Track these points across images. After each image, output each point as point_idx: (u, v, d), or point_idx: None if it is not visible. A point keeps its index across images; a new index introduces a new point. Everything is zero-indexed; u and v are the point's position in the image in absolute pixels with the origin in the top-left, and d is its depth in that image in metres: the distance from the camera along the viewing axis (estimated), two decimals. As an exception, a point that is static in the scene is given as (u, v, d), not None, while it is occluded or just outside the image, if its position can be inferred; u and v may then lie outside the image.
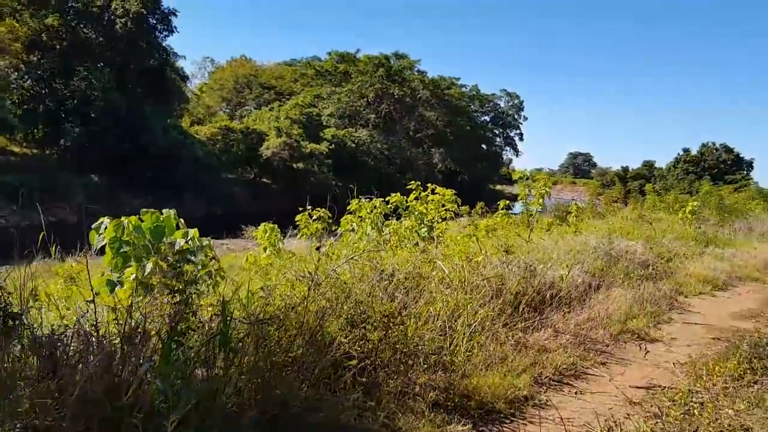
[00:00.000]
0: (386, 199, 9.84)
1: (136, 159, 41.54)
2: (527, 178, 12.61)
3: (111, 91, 40.98)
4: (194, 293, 5.15)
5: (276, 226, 10.83)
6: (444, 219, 9.75)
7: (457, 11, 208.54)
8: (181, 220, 6.08)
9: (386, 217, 9.62)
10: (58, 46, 41.69)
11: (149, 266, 5.04)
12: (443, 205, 9.65)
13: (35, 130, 40.92)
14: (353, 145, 60.67)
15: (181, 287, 5.26)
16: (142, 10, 42.98)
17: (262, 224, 11.20)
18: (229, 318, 4.59)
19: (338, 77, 69.90)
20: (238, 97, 74.80)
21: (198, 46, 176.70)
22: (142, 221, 5.54)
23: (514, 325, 6.80)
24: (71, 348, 3.86)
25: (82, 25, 42.90)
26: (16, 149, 41.43)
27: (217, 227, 36.49)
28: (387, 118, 67.31)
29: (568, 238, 12.42)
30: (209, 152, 48.50)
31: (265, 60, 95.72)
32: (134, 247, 5.40)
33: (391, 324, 5.46)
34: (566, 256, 9.98)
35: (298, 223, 9.66)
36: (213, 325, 4.63)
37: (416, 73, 70.99)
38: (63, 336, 3.92)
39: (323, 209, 9.77)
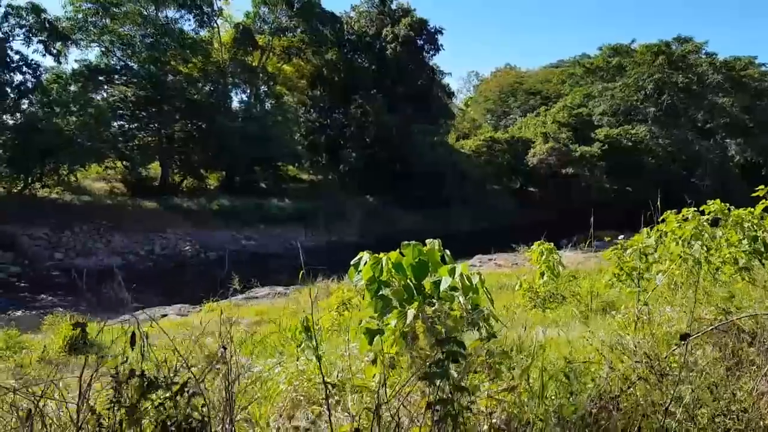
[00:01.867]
0: (701, 209, 7.70)
1: (405, 178, 43.48)
2: None
3: (383, 115, 43.66)
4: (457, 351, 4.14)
5: (552, 246, 9.41)
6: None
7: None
8: (447, 252, 5.14)
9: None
10: (336, 79, 45.96)
11: (411, 313, 4.19)
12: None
13: (319, 158, 45.57)
14: (630, 143, 55.52)
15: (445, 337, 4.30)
16: (410, 32, 45.09)
17: (536, 243, 9.87)
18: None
19: (611, 72, 64.82)
20: (502, 107, 74.45)
21: (464, 62, 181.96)
22: (403, 255, 4.74)
23: None
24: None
25: (356, 56, 46.65)
26: (305, 176, 46.68)
27: (484, 241, 36.23)
28: (669, 110, 60.20)
29: None
30: (474, 165, 48.70)
31: (530, 66, 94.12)
32: (394, 289, 4.64)
33: None
34: None
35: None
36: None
37: (704, 57, 62.38)
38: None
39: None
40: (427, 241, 5.10)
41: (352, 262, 4.94)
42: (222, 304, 17.65)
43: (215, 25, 43.58)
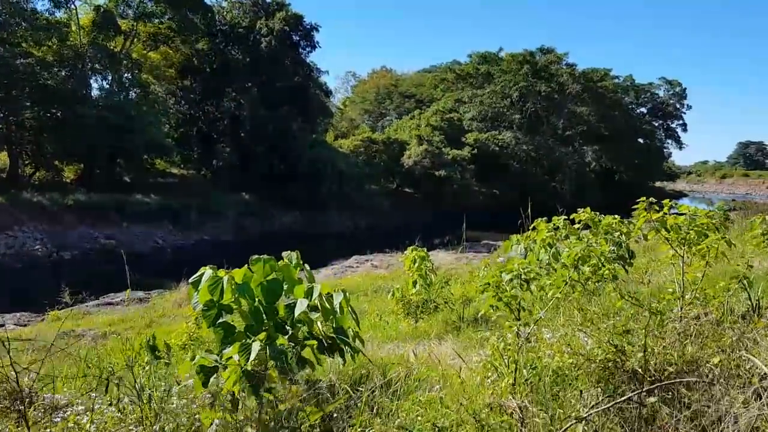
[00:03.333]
0: (571, 217, 7.63)
1: (283, 175, 42.39)
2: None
3: (258, 110, 42.16)
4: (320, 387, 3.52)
5: (425, 252, 9.06)
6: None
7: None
8: (306, 267, 4.47)
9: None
10: (208, 69, 43.75)
11: (256, 346, 3.49)
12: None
13: (191, 152, 43.15)
14: (497, 148, 58.01)
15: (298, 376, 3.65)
16: (285, 27, 43.90)
17: (409, 249, 9.49)
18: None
19: (480, 79, 67.52)
20: (379, 108, 75.18)
21: (340, 62, 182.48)
22: (252, 272, 4.01)
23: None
24: None
25: (229, 47, 44.72)
26: (175, 171, 44.04)
27: (361, 240, 36.14)
28: (533, 117, 63.71)
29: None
30: (353, 165, 48.51)
31: (406, 69, 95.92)
32: (240, 314, 3.91)
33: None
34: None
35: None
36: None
37: (564, 67, 66.63)
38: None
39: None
40: (284, 254, 4.42)
41: (190, 280, 4.14)
42: (70, 312, 15.89)
43: (73, 6, 39.90)
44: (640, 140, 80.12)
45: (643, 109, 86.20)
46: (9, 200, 31.54)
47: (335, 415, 3.54)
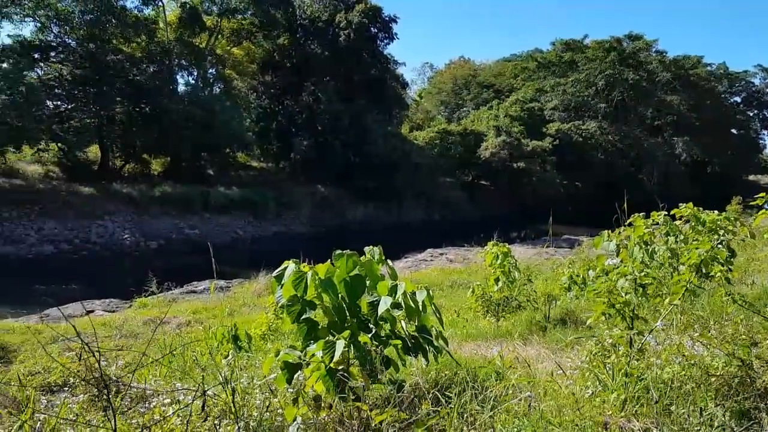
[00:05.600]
0: (671, 213, 7.10)
1: (358, 168, 42.64)
2: None
3: (336, 103, 42.54)
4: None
5: (508, 248, 8.72)
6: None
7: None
8: (389, 262, 4.32)
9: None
10: (288, 64, 44.53)
11: (340, 345, 3.36)
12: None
13: (270, 146, 44.09)
14: (580, 139, 56.07)
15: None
16: (364, 19, 44.03)
17: (490, 244, 9.16)
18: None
19: (563, 67, 65.38)
20: (456, 99, 74.27)
21: (418, 53, 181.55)
22: (335, 267, 3.89)
23: None
24: None
25: (309, 42, 45.33)
26: (255, 164, 45.23)
27: (435, 233, 35.86)
28: (619, 106, 61.11)
29: None
30: (428, 157, 48.23)
31: (484, 59, 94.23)
32: (323, 310, 3.79)
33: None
34: None
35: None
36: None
37: (654, 54, 63.49)
38: None
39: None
40: (366, 249, 4.28)
41: (274, 274, 4.07)
42: (156, 300, 16.51)
43: (160, 3, 41.51)
44: (734, 131, 75.49)
45: (737, 99, 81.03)
46: (100, 191, 33.29)
47: (422, 419, 3.36)
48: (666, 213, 7.02)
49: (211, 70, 42.88)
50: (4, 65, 32.95)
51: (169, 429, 3.34)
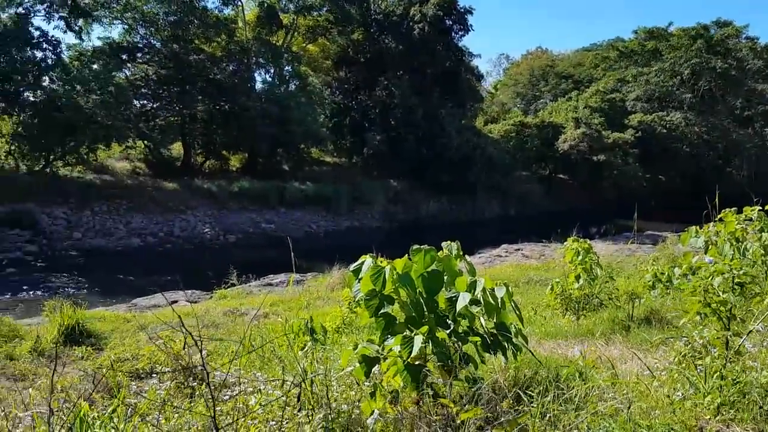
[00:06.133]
0: (765, 208, 6.64)
1: (431, 162, 42.48)
2: None
3: (409, 97, 42.50)
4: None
5: (589, 244, 8.43)
6: None
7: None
8: (467, 258, 4.25)
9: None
10: (362, 60, 44.86)
11: (418, 341, 3.33)
12: None
13: (343, 141, 44.59)
14: (664, 130, 53.54)
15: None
16: (439, 12, 43.74)
17: (570, 239, 8.89)
18: None
19: (646, 56, 62.56)
20: (533, 91, 72.65)
21: (494, 44, 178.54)
22: (413, 262, 3.87)
23: None
24: None
25: (383, 36, 45.49)
26: (328, 159, 45.90)
27: (509, 228, 35.27)
28: (706, 96, 57.91)
29: None
30: (502, 150, 47.45)
31: (563, 49, 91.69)
32: (401, 305, 3.78)
33: None
34: None
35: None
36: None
37: (744, 41, 59.75)
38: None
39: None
40: (443, 244, 4.23)
41: (351, 268, 4.09)
42: (235, 291, 17.05)
43: (240, 3, 42.73)
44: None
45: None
46: (183, 187, 34.73)
47: (501, 418, 3.29)
48: (761, 208, 6.57)
49: (287, 68, 43.80)
50: (95, 66, 34.90)
51: (264, 417, 3.43)
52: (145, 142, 36.92)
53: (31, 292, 19.34)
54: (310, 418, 3.72)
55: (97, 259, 25.60)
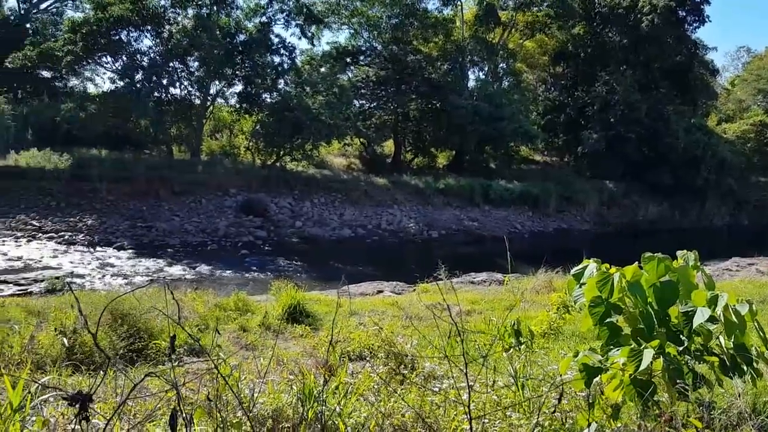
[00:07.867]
0: None
1: (653, 163, 39.27)
2: None
3: (632, 93, 39.68)
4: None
5: None
6: None
7: None
8: (705, 269, 3.81)
9: None
10: (582, 55, 42.86)
11: (648, 354, 3.04)
12: None
13: (555, 139, 42.99)
14: None
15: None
16: (671, 2, 40.20)
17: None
18: None
19: None
20: (779, 87, 63.35)
21: (734, 36, 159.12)
22: (644, 271, 3.56)
23: None
24: None
25: (606, 30, 43.04)
26: (538, 158, 44.62)
27: (742, 239, 31.19)
28: None
29: None
30: (738, 152, 42.21)
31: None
32: (627, 315, 3.48)
33: None
34: None
35: None
36: None
37: None
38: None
39: None
40: (679, 253, 3.83)
41: (572, 272, 3.89)
42: (436, 286, 17.37)
43: (459, 2, 43.21)
44: None
45: None
46: (392, 182, 36.28)
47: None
48: None
49: (501, 65, 43.46)
50: (323, 69, 37.95)
51: (476, 415, 3.43)
52: (361, 139, 39.25)
53: (259, 273, 21.68)
54: (520, 422, 3.62)
55: (314, 246, 27.81)
